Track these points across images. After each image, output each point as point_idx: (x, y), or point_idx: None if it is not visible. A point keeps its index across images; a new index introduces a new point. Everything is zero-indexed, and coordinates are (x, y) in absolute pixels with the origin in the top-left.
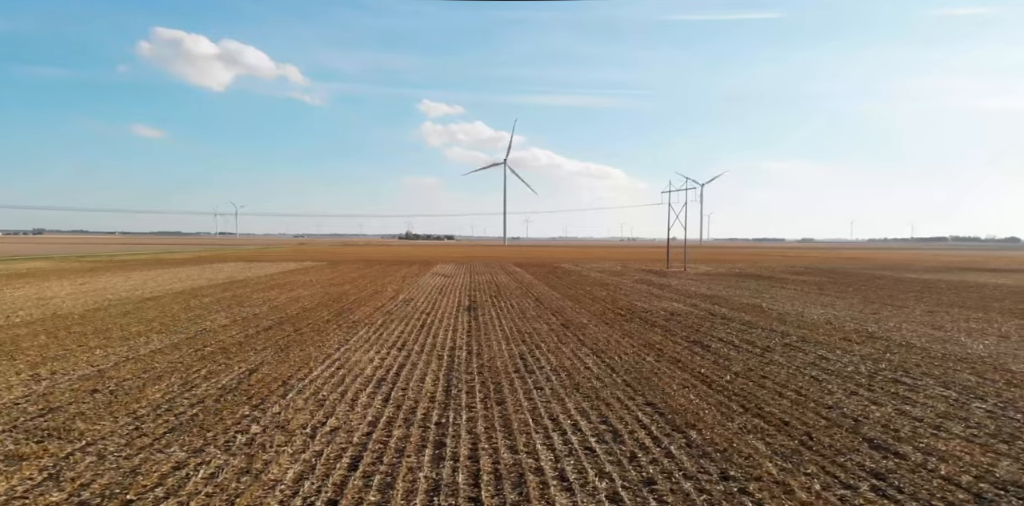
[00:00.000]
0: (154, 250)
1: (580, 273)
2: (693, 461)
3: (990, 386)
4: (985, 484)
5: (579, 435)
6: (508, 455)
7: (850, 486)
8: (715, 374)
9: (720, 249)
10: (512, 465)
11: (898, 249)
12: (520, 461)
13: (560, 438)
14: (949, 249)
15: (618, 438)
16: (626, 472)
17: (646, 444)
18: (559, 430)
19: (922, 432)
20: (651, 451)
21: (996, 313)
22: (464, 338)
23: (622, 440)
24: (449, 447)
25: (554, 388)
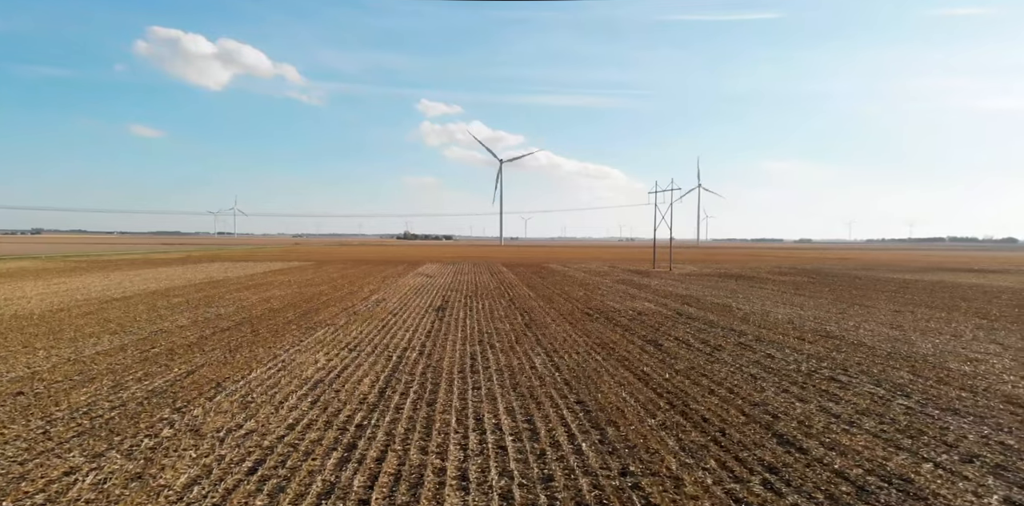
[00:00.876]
0: (146, 250)
1: (565, 273)
2: (599, 457)
3: (920, 383)
4: (873, 477)
5: (497, 434)
6: (416, 456)
7: (742, 480)
8: (657, 372)
9: (715, 249)
10: (417, 466)
11: (893, 250)
12: (426, 462)
13: (476, 438)
14: (944, 250)
15: (534, 436)
16: (528, 470)
17: (559, 442)
18: (479, 430)
19: (834, 428)
20: (562, 449)
21: (959, 313)
22: (421, 339)
23: (537, 438)
24: (359, 449)
25: (491, 388)
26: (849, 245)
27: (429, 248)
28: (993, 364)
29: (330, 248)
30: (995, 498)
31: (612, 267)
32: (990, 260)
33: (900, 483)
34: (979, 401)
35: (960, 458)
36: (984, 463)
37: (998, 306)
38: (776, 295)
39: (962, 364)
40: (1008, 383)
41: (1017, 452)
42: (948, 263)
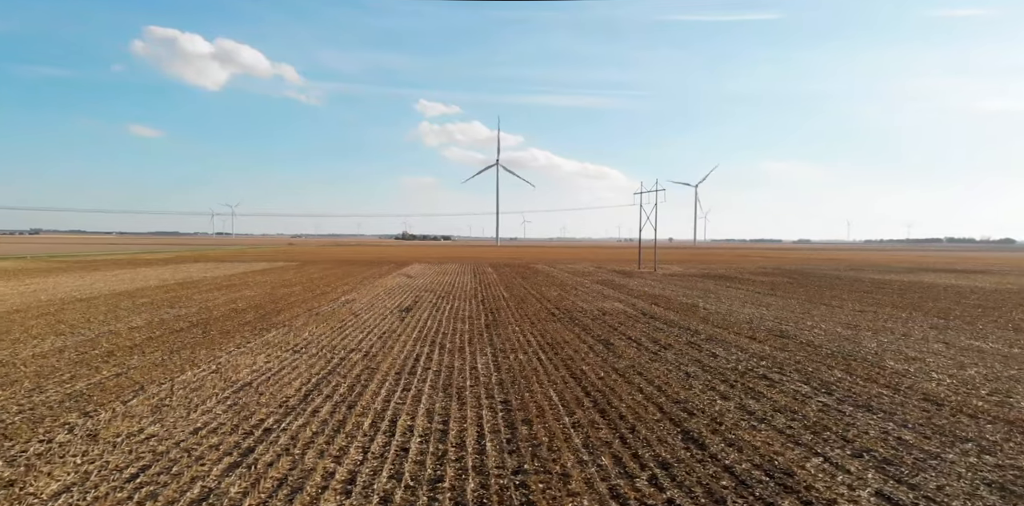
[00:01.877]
0: (138, 250)
1: (549, 274)
2: (498, 457)
3: (847, 382)
4: (758, 472)
5: (405, 436)
6: (312, 460)
7: (630, 476)
8: (595, 371)
9: (709, 250)
10: (307, 470)
11: (888, 250)
12: (318, 466)
13: (383, 440)
14: (939, 250)
15: (443, 437)
16: (421, 472)
17: (466, 442)
18: (389, 432)
19: (743, 424)
20: (465, 449)
21: (921, 313)
22: (372, 340)
23: (446, 439)
24: (255, 454)
25: (421, 390)
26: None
27: (424, 248)
28: (929, 363)
29: (323, 248)
30: (867, 491)
31: (598, 267)
32: (979, 261)
33: (781, 477)
34: (896, 398)
35: (852, 453)
36: (872, 457)
37: (962, 306)
38: (748, 295)
39: (899, 363)
40: (934, 381)
41: (909, 447)
42: (936, 264)
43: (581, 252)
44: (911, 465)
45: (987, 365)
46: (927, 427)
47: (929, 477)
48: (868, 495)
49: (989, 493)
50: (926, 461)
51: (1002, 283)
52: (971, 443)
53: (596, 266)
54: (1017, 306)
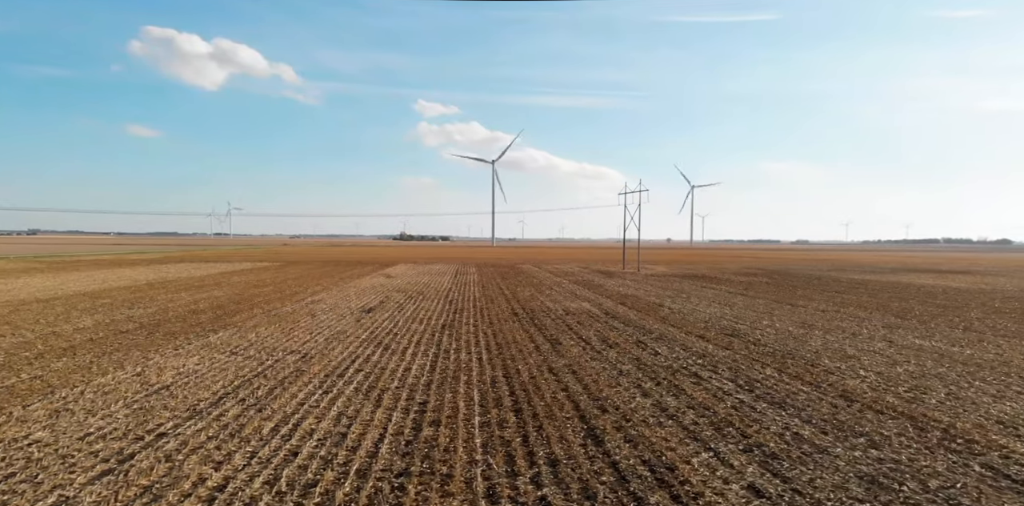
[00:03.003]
0: (128, 250)
1: (531, 274)
2: (388, 459)
3: (774, 379)
4: (643, 467)
5: (302, 440)
6: (192, 467)
7: (515, 474)
8: (529, 371)
9: (703, 250)
10: (180, 478)
11: (883, 251)
12: (193, 473)
13: (276, 444)
14: (935, 251)
15: (340, 441)
16: (299, 477)
17: (361, 446)
18: (287, 436)
19: (650, 421)
20: (358, 452)
21: (881, 312)
22: (318, 341)
23: (343, 443)
24: (133, 462)
25: (342, 392)
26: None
27: (418, 249)
28: (863, 361)
29: (316, 249)
30: (739, 484)
31: (584, 268)
32: (967, 261)
33: (663, 472)
34: (814, 395)
35: (743, 448)
36: (762, 452)
37: (926, 306)
38: (718, 295)
39: (834, 361)
40: (859, 379)
41: (802, 441)
42: (923, 264)
43: (574, 252)
44: (795, 459)
45: (919, 363)
46: (829, 423)
47: (806, 470)
48: (739, 488)
49: (856, 485)
50: (812, 455)
51: (978, 283)
52: (864, 438)
53: (582, 266)
54: (980, 306)
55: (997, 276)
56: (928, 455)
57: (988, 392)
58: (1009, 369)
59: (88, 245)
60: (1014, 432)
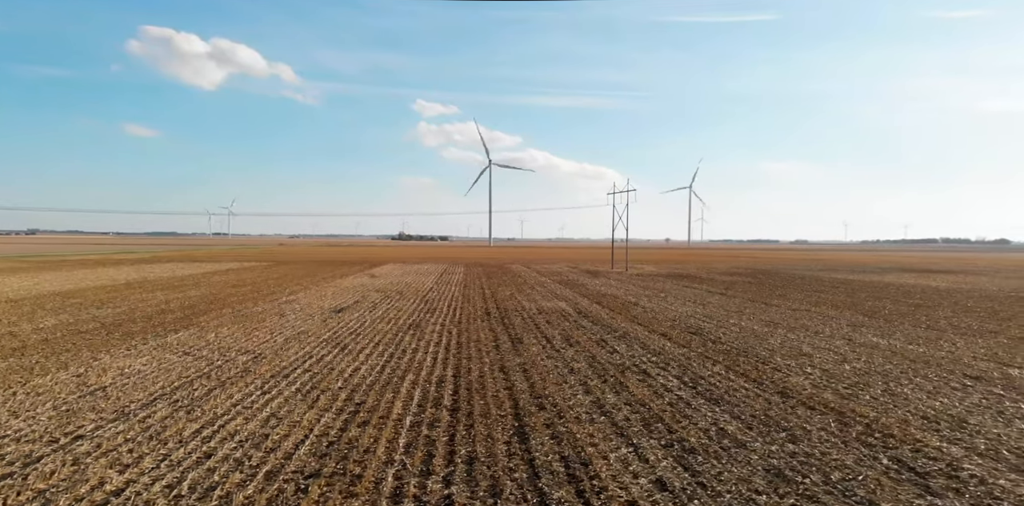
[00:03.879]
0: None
1: (518, 274)
2: (304, 461)
3: (719, 377)
4: (558, 463)
5: (221, 443)
6: (97, 470)
7: (430, 474)
8: (481, 369)
9: (699, 251)
10: (79, 481)
11: (879, 251)
12: (95, 476)
13: (193, 446)
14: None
15: (261, 443)
16: (203, 481)
17: (284, 447)
18: (208, 438)
19: (583, 418)
20: (275, 454)
21: (851, 311)
22: (277, 342)
23: (262, 445)
24: (38, 465)
25: (281, 392)
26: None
27: (414, 249)
28: (814, 358)
29: (311, 249)
30: (647, 478)
31: (573, 267)
32: (959, 261)
33: (577, 467)
34: (753, 392)
35: (664, 443)
36: (681, 447)
37: (898, 305)
38: (696, 294)
39: (786, 358)
40: (803, 376)
41: (724, 436)
42: (913, 264)
43: (569, 252)
44: (711, 454)
45: (869, 360)
46: (758, 418)
47: (717, 464)
48: (646, 482)
49: (760, 478)
50: (729, 450)
51: (959, 283)
52: (786, 433)
53: (571, 266)
54: (952, 305)
55: (981, 276)
56: (842, 449)
57: (925, 388)
58: (955, 366)
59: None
60: (934, 427)
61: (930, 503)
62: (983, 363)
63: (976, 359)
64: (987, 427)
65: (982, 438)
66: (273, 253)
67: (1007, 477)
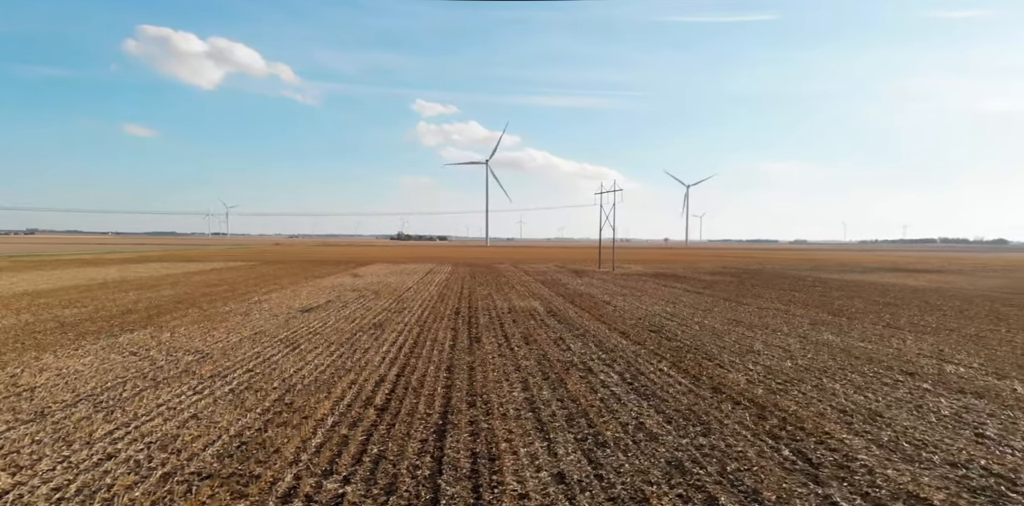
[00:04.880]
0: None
1: (503, 273)
2: (207, 462)
3: (660, 374)
4: (466, 460)
5: (127, 444)
6: None
7: (329, 474)
8: (427, 368)
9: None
10: None
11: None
12: None
13: (98, 447)
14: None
15: (170, 444)
16: (97, 482)
17: (193, 448)
18: (118, 439)
19: (509, 414)
20: (180, 455)
21: (818, 309)
22: (231, 342)
23: (170, 446)
24: None
25: (212, 392)
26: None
27: (410, 249)
28: (762, 355)
29: (305, 248)
30: (547, 473)
31: (560, 267)
32: (948, 260)
33: (483, 463)
34: (686, 388)
35: (579, 438)
36: (595, 441)
37: (868, 304)
38: (672, 293)
39: (734, 355)
40: (743, 372)
41: (641, 430)
42: (902, 263)
43: (563, 252)
44: (621, 447)
45: (814, 357)
46: (681, 413)
47: (622, 458)
48: (546, 475)
49: (658, 470)
50: (639, 443)
51: (938, 282)
52: (702, 426)
53: (560, 265)
54: (922, 303)
55: (964, 275)
56: (749, 442)
57: (856, 383)
58: (895, 363)
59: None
60: (847, 420)
61: (811, 491)
62: (924, 360)
63: (919, 356)
64: (899, 420)
65: (889, 430)
66: (265, 253)
67: (896, 467)
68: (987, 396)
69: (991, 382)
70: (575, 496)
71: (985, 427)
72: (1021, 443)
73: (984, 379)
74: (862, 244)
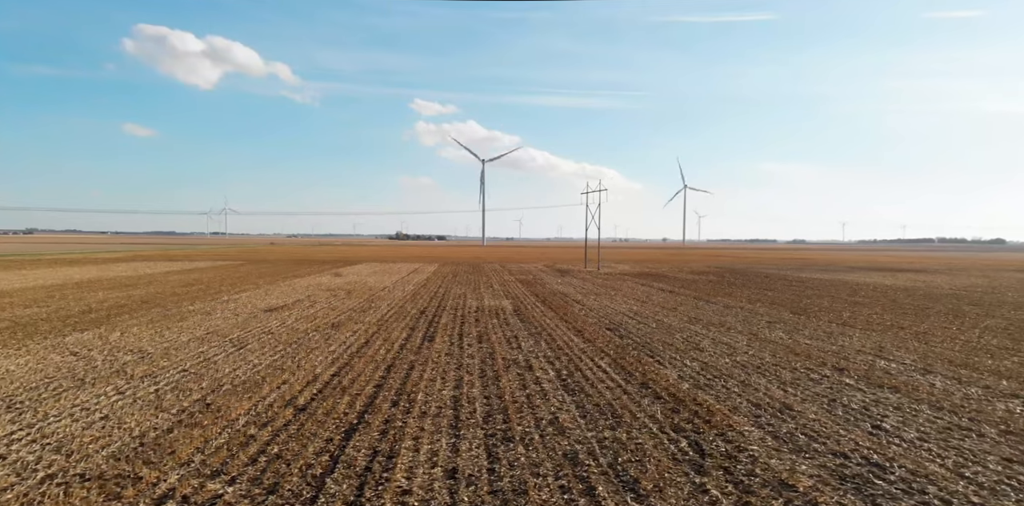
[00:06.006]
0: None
1: (486, 272)
2: (96, 463)
3: (596, 370)
4: (365, 458)
5: (22, 445)
6: None
7: (218, 474)
8: (366, 367)
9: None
10: None
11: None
12: None
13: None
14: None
15: (65, 445)
16: None
17: (88, 449)
18: (16, 440)
19: (430, 412)
20: (70, 458)
21: (783, 308)
22: (182, 340)
23: (64, 448)
24: None
25: (137, 391)
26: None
27: (405, 248)
28: (706, 352)
29: (298, 248)
30: (441, 469)
31: (547, 266)
32: (936, 260)
33: (381, 460)
34: (615, 383)
35: (488, 433)
36: (503, 436)
37: (835, 302)
38: (647, 292)
39: (678, 352)
40: (677, 368)
41: (552, 425)
42: (887, 263)
43: (556, 251)
44: (525, 442)
45: (755, 354)
46: (600, 407)
47: (522, 452)
48: (439, 471)
49: (552, 463)
50: (545, 437)
51: (915, 281)
52: (613, 420)
53: (547, 265)
54: (888, 302)
55: (944, 274)
56: (652, 434)
57: (782, 379)
58: (830, 359)
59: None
60: (756, 413)
61: (689, 480)
62: (861, 356)
63: (858, 353)
64: (807, 414)
65: (792, 423)
66: (256, 252)
67: (781, 457)
68: (903, 390)
69: (914, 377)
70: (458, 490)
71: (886, 419)
72: (911, 434)
73: (908, 374)
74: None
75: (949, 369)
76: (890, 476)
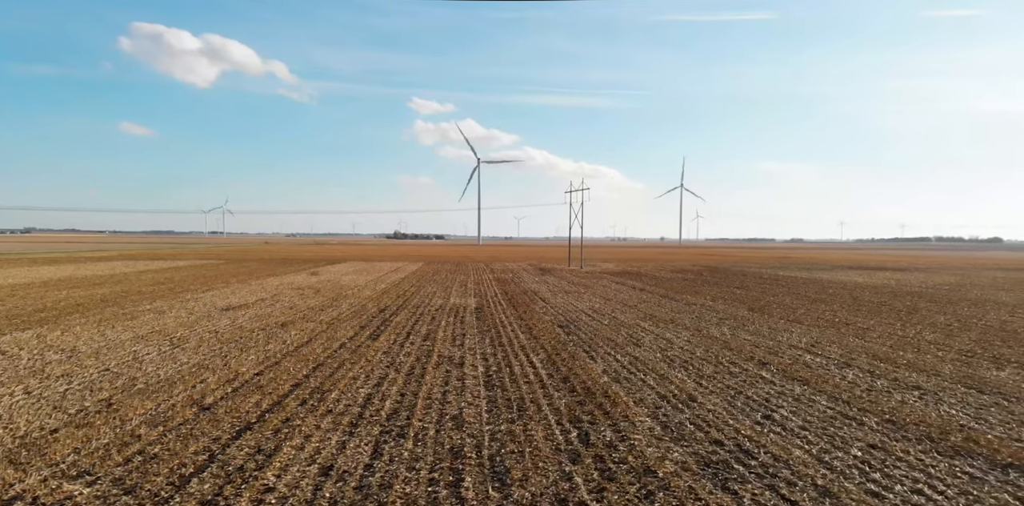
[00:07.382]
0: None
1: (468, 271)
2: None
3: (525, 367)
4: (243, 457)
5: None
6: None
7: (81, 475)
8: (295, 366)
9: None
10: None
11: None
12: None
13: None
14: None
15: None
16: None
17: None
18: None
19: (336, 410)
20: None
21: (742, 305)
22: (124, 338)
23: None
24: None
25: (45, 391)
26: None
27: (399, 247)
28: (642, 348)
29: (290, 247)
30: (318, 466)
31: (532, 265)
32: (924, 260)
33: (261, 458)
34: (537, 378)
35: (385, 430)
36: (398, 433)
37: (795, 300)
38: (618, 290)
39: (614, 348)
40: (605, 363)
41: (454, 420)
42: (873, 262)
43: (547, 250)
44: (418, 437)
45: (688, 350)
46: (511, 401)
47: (408, 447)
48: (315, 468)
49: (432, 457)
50: (441, 432)
51: (889, 279)
52: (517, 412)
53: (532, 264)
54: (851, 300)
55: (922, 272)
56: (548, 425)
57: (702, 373)
58: (760, 354)
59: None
60: (658, 404)
61: (559, 469)
62: (791, 351)
63: (790, 347)
64: (708, 405)
65: (688, 413)
66: (246, 252)
67: (659, 446)
68: (811, 383)
69: (830, 370)
70: (323, 486)
71: (779, 410)
72: (795, 423)
73: (826, 368)
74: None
75: (869, 363)
76: (752, 462)
